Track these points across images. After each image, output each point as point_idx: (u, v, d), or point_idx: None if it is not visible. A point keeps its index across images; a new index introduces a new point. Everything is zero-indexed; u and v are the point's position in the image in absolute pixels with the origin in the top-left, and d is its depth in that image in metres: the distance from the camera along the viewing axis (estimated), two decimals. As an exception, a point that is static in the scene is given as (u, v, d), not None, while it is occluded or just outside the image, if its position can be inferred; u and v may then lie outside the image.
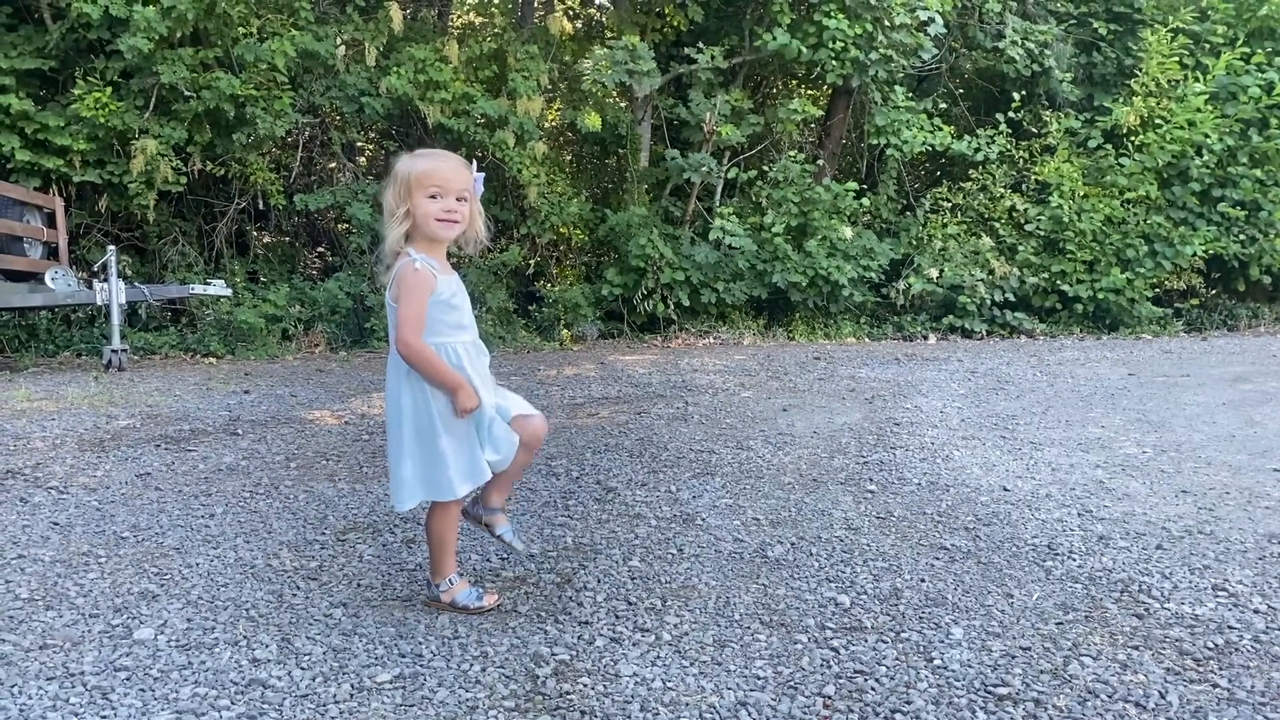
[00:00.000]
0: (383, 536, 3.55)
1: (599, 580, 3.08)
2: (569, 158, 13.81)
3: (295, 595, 2.97)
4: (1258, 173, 11.89)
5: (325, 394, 6.82)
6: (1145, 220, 11.81)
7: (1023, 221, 12.20)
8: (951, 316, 11.78)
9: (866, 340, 11.34)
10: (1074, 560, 3.26)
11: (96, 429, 5.53)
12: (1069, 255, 11.83)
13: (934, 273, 11.82)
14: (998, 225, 12.24)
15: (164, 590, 3.01)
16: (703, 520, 3.72)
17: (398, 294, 2.66)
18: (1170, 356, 9.00)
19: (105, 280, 8.36)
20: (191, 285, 9.10)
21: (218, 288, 9.11)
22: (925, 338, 11.61)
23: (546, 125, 12.60)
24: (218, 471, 4.59)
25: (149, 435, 5.38)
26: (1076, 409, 6.13)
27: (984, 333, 11.69)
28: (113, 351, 8.28)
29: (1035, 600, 2.91)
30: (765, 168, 11.85)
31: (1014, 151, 12.46)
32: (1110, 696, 2.29)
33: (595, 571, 3.16)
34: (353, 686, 2.36)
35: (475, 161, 2.78)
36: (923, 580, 3.08)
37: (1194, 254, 11.73)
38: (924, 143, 11.94)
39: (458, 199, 2.66)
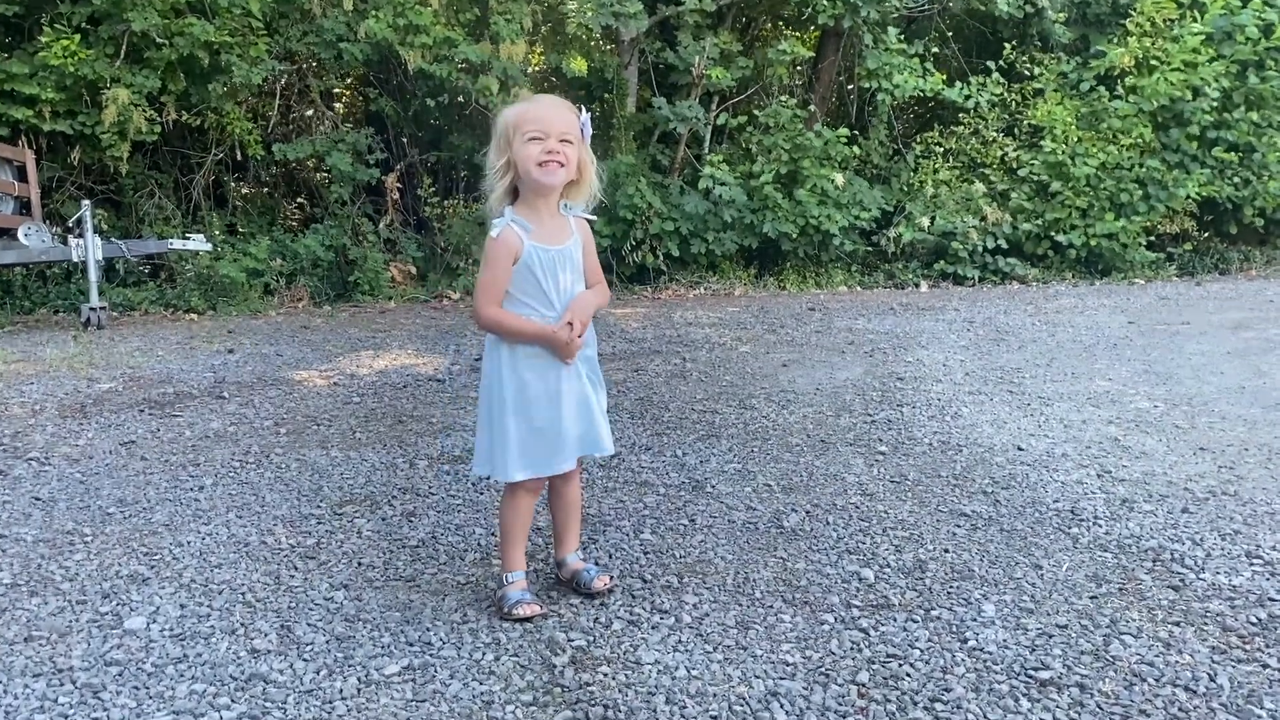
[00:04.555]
0: (381, 510, 3.41)
1: (610, 555, 2.96)
2: (553, 104, 13.46)
3: (293, 576, 2.83)
4: (1253, 116, 11.73)
5: (311, 353, 6.64)
6: (1140, 164, 11.65)
7: (1015, 167, 12.01)
8: (943, 263, 11.63)
9: (858, 289, 11.19)
10: (1100, 526, 3.16)
11: (77, 393, 5.35)
12: (1063, 201, 11.67)
13: (925, 221, 11.66)
14: (989, 172, 12.05)
15: (154, 573, 2.87)
16: (712, 487, 3.59)
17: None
18: (1167, 303, 8.90)
19: (81, 236, 8.12)
20: (170, 240, 8.85)
21: (197, 242, 8.87)
22: (917, 285, 11.46)
23: (531, 70, 12.29)
24: (205, 439, 4.43)
25: (132, 399, 5.20)
26: (1081, 360, 6.02)
27: (976, 279, 11.55)
28: (91, 309, 8.06)
29: (1065, 571, 2.80)
30: (755, 113, 11.60)
31: (1006, 95, 12.25)
32: (1158, 680, 2.19)
33: (606, 545, 3.03)
34: (359, 680, 2.23)
35: (582, 108, 2.53)
36: (946, 551, 2.97)
37: (1187, 196, 11.59)
38: (915, 87, 11.70)
39: (561, 141, 2.43)
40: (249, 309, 9.53)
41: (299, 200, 12.41)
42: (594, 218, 2.64)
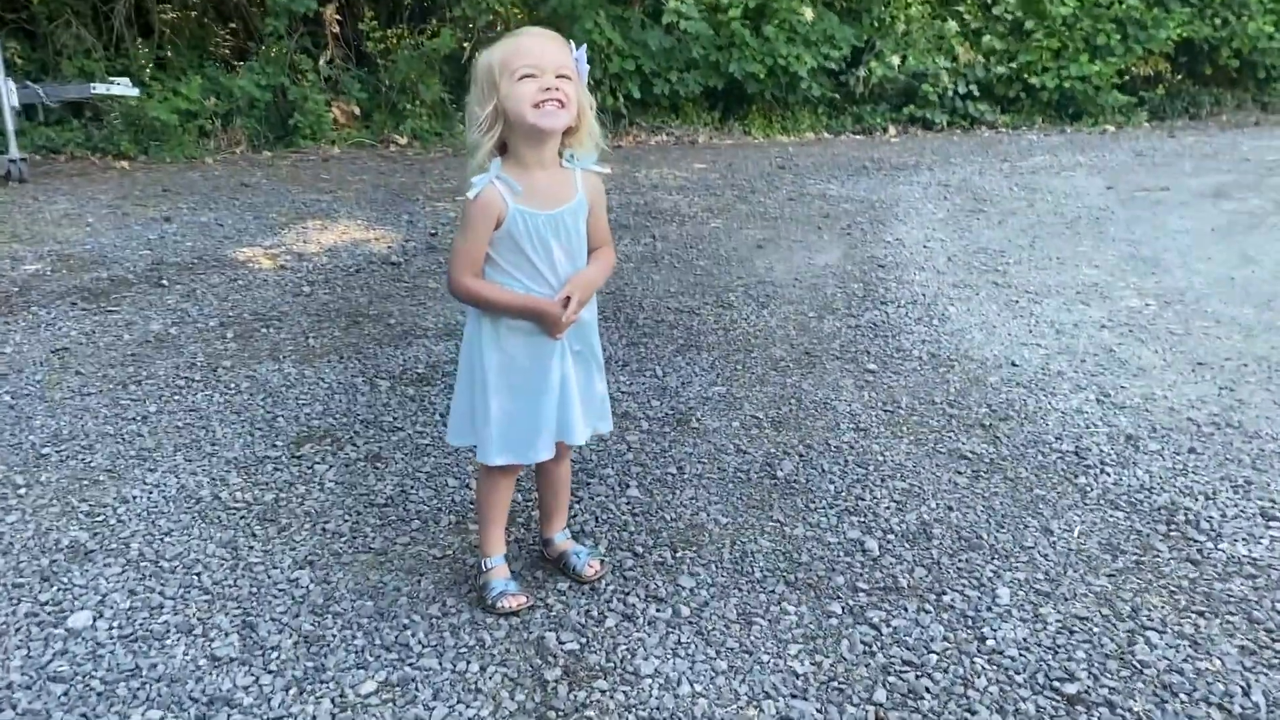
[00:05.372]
0: (344, 450, 3.16)
1: (597, 518, 2.75)
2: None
3: (252, 548, 2.60)
4: (1240, -51, 11.27)
5: (254, 222, 6.22)
6: (1119, 2, 11.18)
7: (990, 3, 11.50)
8: (912, 107, 11.26)
9: (825, 135, 10.80)
10: (1107, 474, 3.00)
11: (1, 277, 4.94)
12: (1036, 42, 11.23)
13: (896, 60, 11.20)
14: (963, 9, 11.53)
15: (98, 543, 2.62)
16: (698, 420, 3.38)
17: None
18: (1144, 161, 8.66)
19: (-7, 80, 7.46)
20: (93, 84, 8.17)
21: (123, 86, 8.21)
22: (885, 130, 11.10)
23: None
24: (145, 343, 4.11)
25: (62, 287, 4.82)
26: (1065, 240, 5.80)
27: (944, 124, 11.21)
28: (11, 162, 7.47)
29: (1077, 538, 2.66)
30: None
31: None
32: (1189, 695, 2.06)
33: (591, 505, 2.82)
34: (334, 704, 2.03)
35: (573, 43, 2.13)
36: (950, 509, 2.80)
37: (1167, 38, 11.22)
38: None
39: (558, 77, 2.03)
40: (183, 154, 8.93)
41: (230, 25, 11.57)
42: (607, 170, 2.28)
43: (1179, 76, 12.74)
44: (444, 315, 4.46)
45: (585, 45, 2.18)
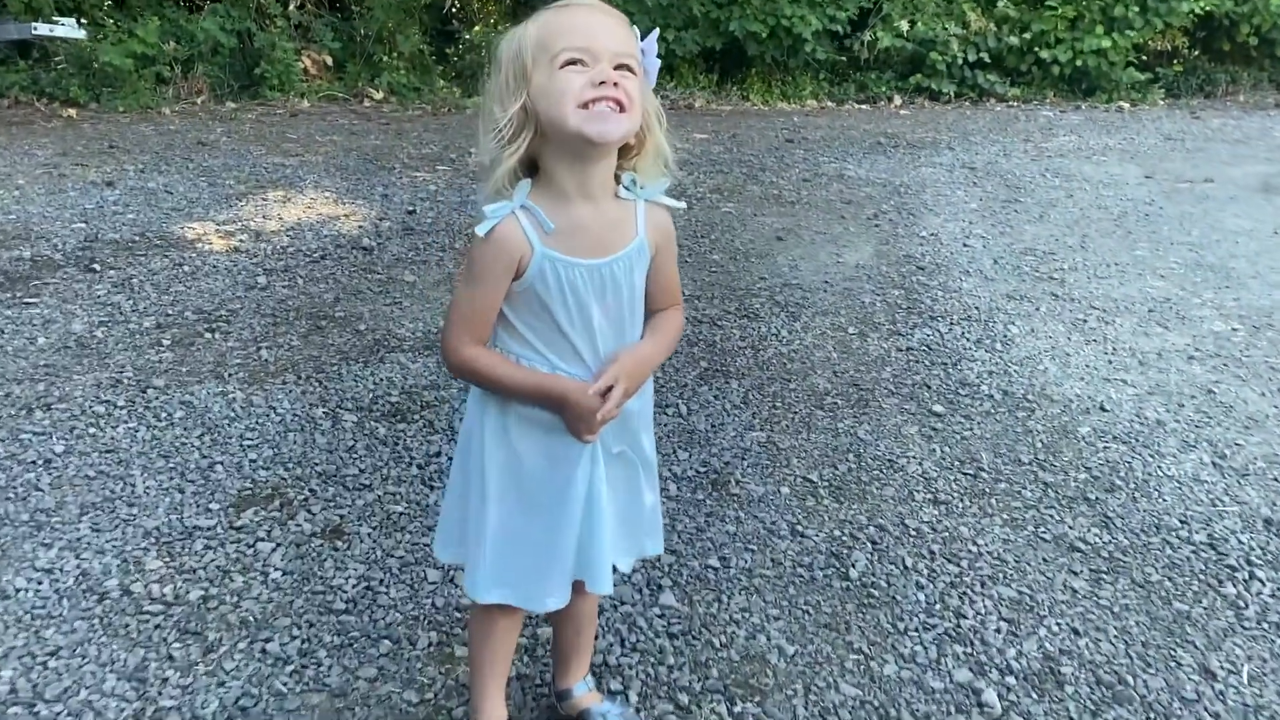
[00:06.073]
0: (296, 520, 2.50)
1: (623, 642, 2.11)
2: None
3: (166, 682, 1.94)
4: (1268, -81, 10.63)
5: (208, 190, 5.48)
6: (1140, -28, 10.53)
7: (1006, -33, 10.80)
8: (919, 75, 10.58)
9: (828, 101, 10.10)
10: (1259, 581, 2.40)
11: (-100, 254, 4.22)
12: (1050, 10, 10.57)
13: (904, 25, 10.50)
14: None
15: (-42, 670, 1.96)
16: (738, 483, 2.73)
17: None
18: (1176, 146, 8.04)
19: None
20: (34, 25, 7.34)
21: (67, 28, 7.40)
22: (890, 99, 10.42)
23: None
24: (63, 350, 3.41)
25: (-29, 268, 4.10)
26: (1118, 241, 5.18)
27: (952, 94, 10.54)
28: (-62, 108, 6.69)
29: (1248, 684, 2.05)
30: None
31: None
32: None
33: (614, 619, 2.18)
34: None
35: (636, 28, 1.46)
36: (1076, 633, 2.19)
37: (1189, 12, 10.60)
38: None
39: (617, 68, 1.38)
40: (138, 103, 8.11)
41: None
42: (680, 204, 1.58)
43: (1194, 52, 12.14)
44: (423, 320, 3.79)
45: (657, 31, 1.50)
